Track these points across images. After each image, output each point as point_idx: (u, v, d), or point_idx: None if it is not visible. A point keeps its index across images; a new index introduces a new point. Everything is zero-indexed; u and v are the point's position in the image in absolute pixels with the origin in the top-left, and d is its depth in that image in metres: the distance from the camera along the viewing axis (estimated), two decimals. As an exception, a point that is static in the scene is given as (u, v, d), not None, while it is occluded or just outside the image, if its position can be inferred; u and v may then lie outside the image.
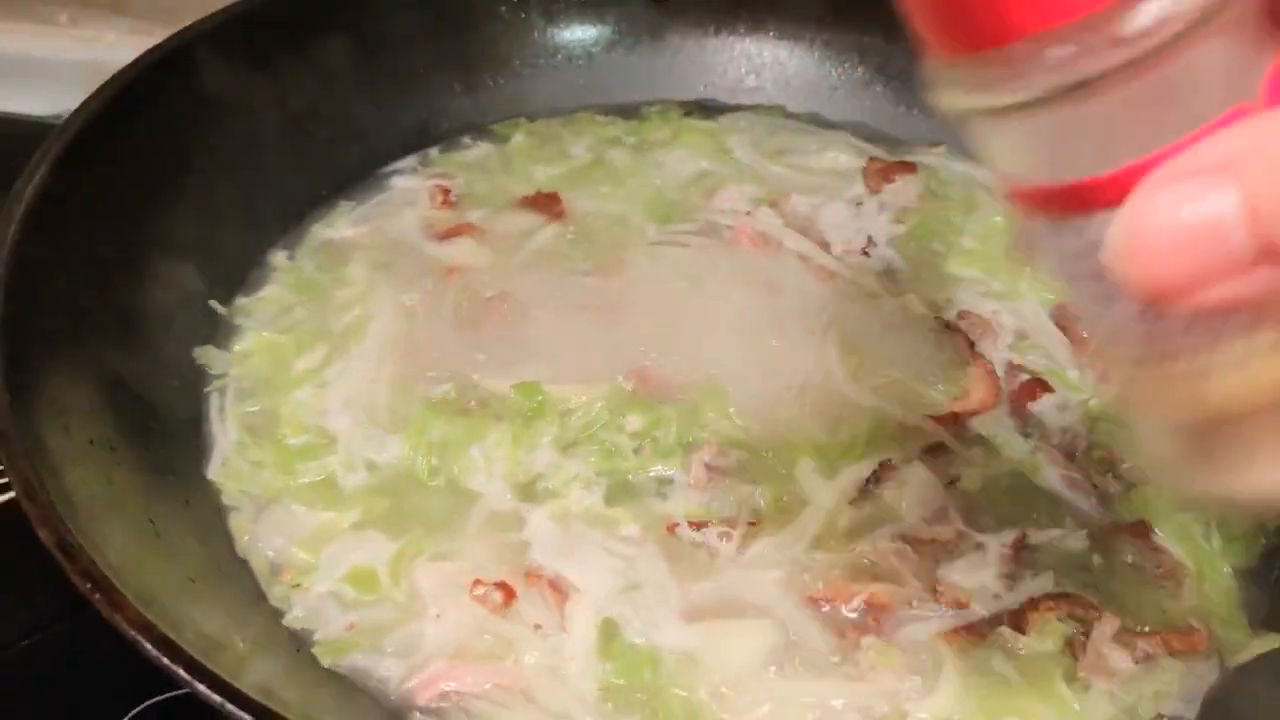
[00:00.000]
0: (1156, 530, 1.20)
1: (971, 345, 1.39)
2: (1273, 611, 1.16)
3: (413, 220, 1.56)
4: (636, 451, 1.22)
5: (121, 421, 1.12)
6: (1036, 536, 1.18)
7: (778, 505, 1.18)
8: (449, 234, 1.52)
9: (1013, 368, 1.38)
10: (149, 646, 0.81)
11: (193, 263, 1.35)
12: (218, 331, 1.35)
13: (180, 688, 0.80)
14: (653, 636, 1.07)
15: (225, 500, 1.17)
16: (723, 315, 1.39)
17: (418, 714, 1.02)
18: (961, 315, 1.44)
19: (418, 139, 1.68)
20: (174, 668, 0.80)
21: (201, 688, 0.79)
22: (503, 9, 1.73)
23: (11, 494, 0.90)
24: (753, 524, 1.16)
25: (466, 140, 1.71)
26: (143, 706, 1.17)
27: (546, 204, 1.59)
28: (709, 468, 1.20)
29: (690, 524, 1.16)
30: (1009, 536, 1.17)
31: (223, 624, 0.99)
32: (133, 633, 0.82)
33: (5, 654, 1.25)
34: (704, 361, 1.32)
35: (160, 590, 0.94)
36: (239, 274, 1.43)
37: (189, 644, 0.84)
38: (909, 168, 1.67)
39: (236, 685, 0.80)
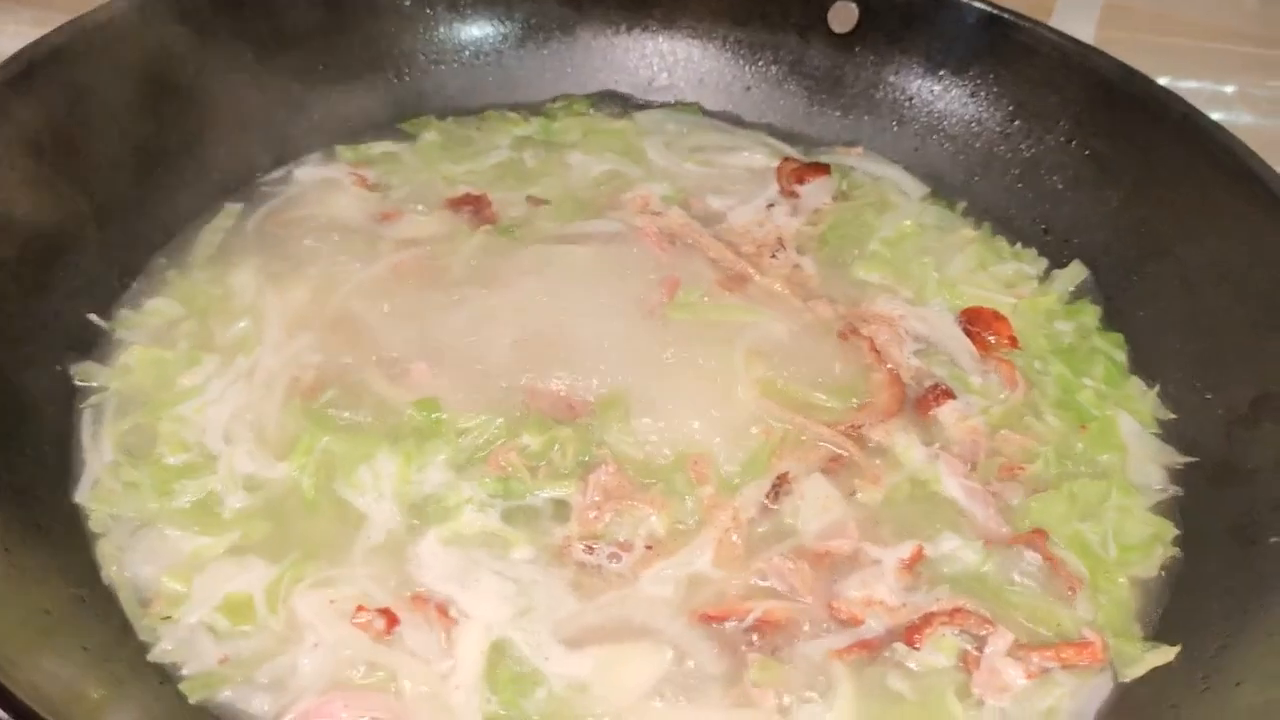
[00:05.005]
0: (1053, 539, 1.19)
1: (876, 351, 1.37)
2: (1167, 622, 1.16)
3: (323, 211, 1.50)
4: (532, 472, 1.18)
5: (-22, 442, 1.06)
6: (933, 549, 1.16)
7: (675, 526, 1.15)
8: (384, 218, 1.49)
9: (917, 373, 1.36)
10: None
11: (68, 270, 1.28)
12: (97, 345, 1.28)
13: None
14: (542, 664, 1.04)
15: (92, 526, 1.11)
16: (626, 323, 1.35)
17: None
18: (868, 320, 1.42)
19: (321, 138, 1.62)
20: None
21: (33, 741, 0.74)
22: (405, 2, 1.67)
23: None
24: (649, 547, 1.13)
25: (372, 138, 1.65)
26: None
27: (474, 205, 1.54)
28: (605, 490, 1.16)
29: (584, 547, 1.13)
30: (906, 549, 1.15)
31: (80, 661, 0.94)
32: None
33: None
34: (606, 374, 1.28)
35: (7, 625, 0.89)
36: (123, 283, 1.36)
37: (26, 688, 0.79)
38: (822, 170, 1.65)
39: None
